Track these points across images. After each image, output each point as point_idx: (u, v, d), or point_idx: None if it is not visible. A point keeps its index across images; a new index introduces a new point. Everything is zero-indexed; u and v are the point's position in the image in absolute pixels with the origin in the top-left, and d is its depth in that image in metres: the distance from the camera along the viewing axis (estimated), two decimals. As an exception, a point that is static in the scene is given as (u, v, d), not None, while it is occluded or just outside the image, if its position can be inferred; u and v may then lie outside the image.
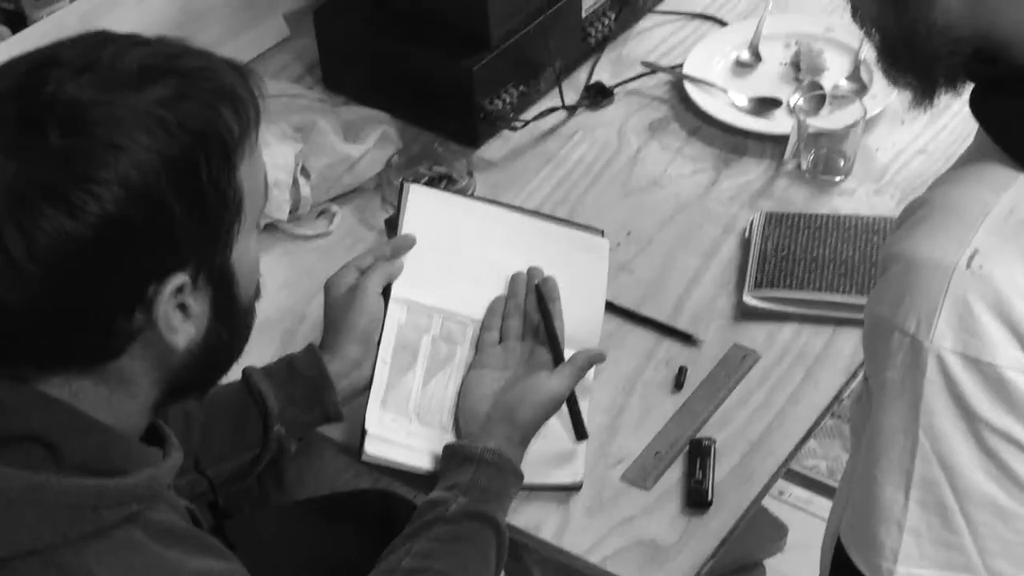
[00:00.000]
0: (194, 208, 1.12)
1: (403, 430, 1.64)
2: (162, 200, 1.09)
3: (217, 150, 1.13)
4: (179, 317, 1.16)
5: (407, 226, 1.77)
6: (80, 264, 1.08)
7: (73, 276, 1.08)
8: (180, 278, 1.13)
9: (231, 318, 1.22)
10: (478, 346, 1.71)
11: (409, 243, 1.75)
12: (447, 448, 1.57)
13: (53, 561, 1.08)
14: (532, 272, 1.76)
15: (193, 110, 1.12)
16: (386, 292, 1.71)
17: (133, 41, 1.15)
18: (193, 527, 1.21)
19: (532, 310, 1.72)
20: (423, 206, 1.80)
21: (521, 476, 1.56)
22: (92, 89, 1.09)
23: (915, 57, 1.23)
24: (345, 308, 1.67)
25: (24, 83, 1.11)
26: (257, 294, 1.29)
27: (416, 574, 1.45)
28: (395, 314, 1.70)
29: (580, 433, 1.62)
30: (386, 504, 1.86)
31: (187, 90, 1.12)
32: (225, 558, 1.21)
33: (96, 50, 1.13)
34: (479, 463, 1.53)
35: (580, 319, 1.76)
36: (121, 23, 1.91)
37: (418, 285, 1.73)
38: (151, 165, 1.09)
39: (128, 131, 1.08)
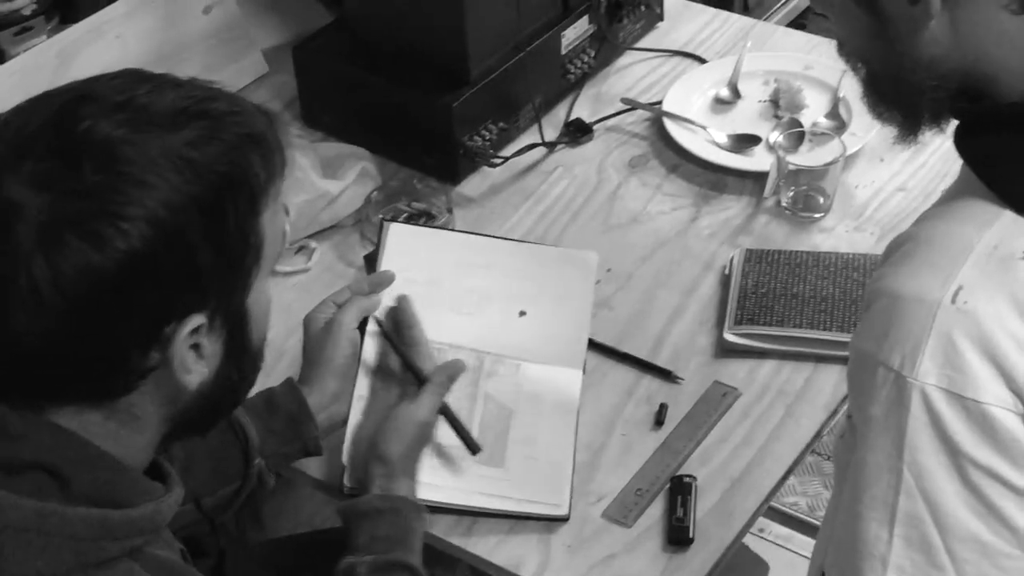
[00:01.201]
0: (218, 250, 1.13)
1: None
2: (188, 240, 1.10)
3: (244, 195, 1.14)
4: (192, 357, 1.16)
5: (386, 263, 1.77)
6: (103, 299, 1.08)
7: (95, 310, 1.09)
8: (198, 319, 1.14)
9: (241, 360, 1.23)
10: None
11: (388, 279, 1.74)
12: (340, 511, 1.56)
13: None
14: (399, 302, 1.73)
15: (223, 153, 1.13)
16: (363, 327, 1.70)
17: (167, 82, 1.16)
18: (189, 566, 1.21)
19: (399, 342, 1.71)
20: (403, 243, 1.80)
21: (415, 504, 1.54)
22: (125, 128, 1.10)
23: (900, 91, 1.23)
24: (322, 343, 1.67)
25: (59, 118, 1.11)
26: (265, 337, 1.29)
27: None
28: (371, 349, 1.70)
29: (470, 447, 1.61)
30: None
31: (217, 133, 1.14)
32: None
33: (131, 89, 1.14)
34: (371, 515, 1.52)
35: (564, 332, 1.76)
36: (99, 59, 1.91)
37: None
38: (179, 204, 1.09)
39: (158, 170, 1.09)
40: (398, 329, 1.69)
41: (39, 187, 1.07)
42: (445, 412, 1.62)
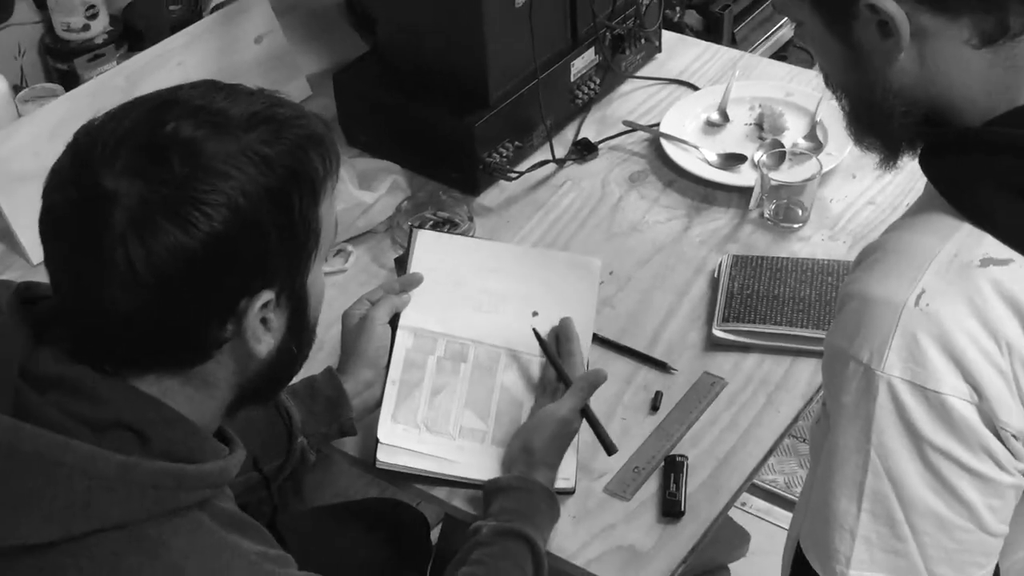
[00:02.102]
0: (285, 235, 1.15)
1: (413, 439, 1.63)
2: (261, 224, 1.12)
3: (307, 187, 1.16)
4: (262, 329, 1.17)
5: (415, 266, 1.78)
6: (189, 275, 1.09)
7: (182, 286, 1.10)
8: (267, 295, 1.15)
9: (301, 334, 1.24)
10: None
11: (416, 280, 1.75)
12: (483, 486, 1.57)
13: (137, 534, 1.09)
14: (562, 322, 1.74)
15: (289, 151, 1.15)
16: (395, 322, 1.70)
17: (240, 90, 1.18)
18: (248, 516, 1.21)
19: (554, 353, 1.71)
20: (429, 248, 1.80)
21: (548, 491, 1.54)
22: (205, 128, 1.12)
23: (873, 116, 1.23)
24: (357, 336, 1.67)
25: (148, 119, 1.13)
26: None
27: None
28: (402, 341, 1.70)
29: (607, 448, 1.61)
30: (394, 511, 1.86)
31: (284, 134, 1.15)
32: (275, 547, 1.22)
33: (209, 96, 1.15)
34: (506, 490, 1.53)
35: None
36: (162, 82, 1.91)
37: (424, 315, 1.73)
38: (254, 193, 1.11)
39: (237, 164, 1.11)
40: (558, 340, 1.70)
41: (132, 178, 1.08)
42: (586, 413, 1.61)
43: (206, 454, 1.16)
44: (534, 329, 1.72)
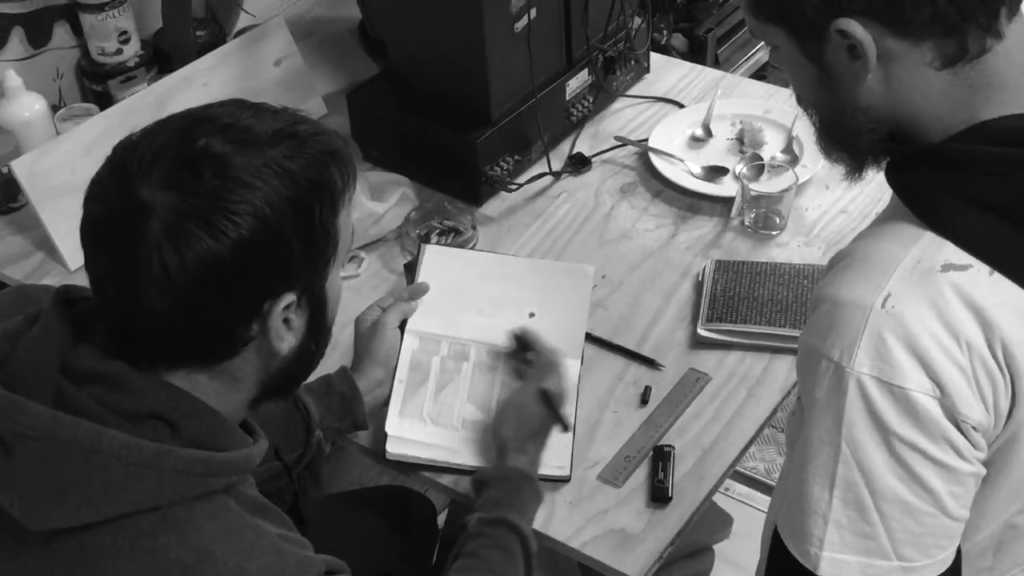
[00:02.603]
0: (307, 242, 1.15)
1: (420, 431, 1.64)
2: (284, 232, 1.13)
3: (326, 198, 1.17)
4: (284, 329, 1.18)
5: (423, 275, 1.79)
6: (218, 279, 1.10)
7: (211, 289, 1.11)
8: (289, 297, 1.16)
9: (319, 333, 1.25)
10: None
11: (423, 290, 1.76)
12: (470, 482, 1.57)
13: (168, 516, 1.10)
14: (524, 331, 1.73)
15: (310, 165, 1.15)
16: (403, 327, 1.71)
17: (265, 109, 1.18)
18: (269, 502, 1.22)
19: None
20: (436, 260, 1.82)
21: (525, 474, 1.54)
22: (233, 144, 1.12)
23: (842, 133, 1.23)
24: (370, 339, 1.68)
25: (182, 135, 1.13)
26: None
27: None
28: (409, 343, 1.71)
29: (563, 425, 1.60)
30: (403, 497, 1.86)
31: (306, 149, 1.16)
32: (294, 531, 1.22)
33: (237, 114, 1.16)
34: (487, 482, 1.53)
35: (565, 330, 1.75)
36: (189, 102, 1.92)
37: (429, 319, 1.74)
38: (279, 203, 1.12)
39: (262, 176, 1.11)
40: (525, 345, 1.70)
41: (167, 190, 1.09)
42: (545, 394, 1.60)
43: (232, 443, 1.17)
44: (514, 330, 1.72)
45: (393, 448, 1.63)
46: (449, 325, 1.74)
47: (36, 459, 1.09)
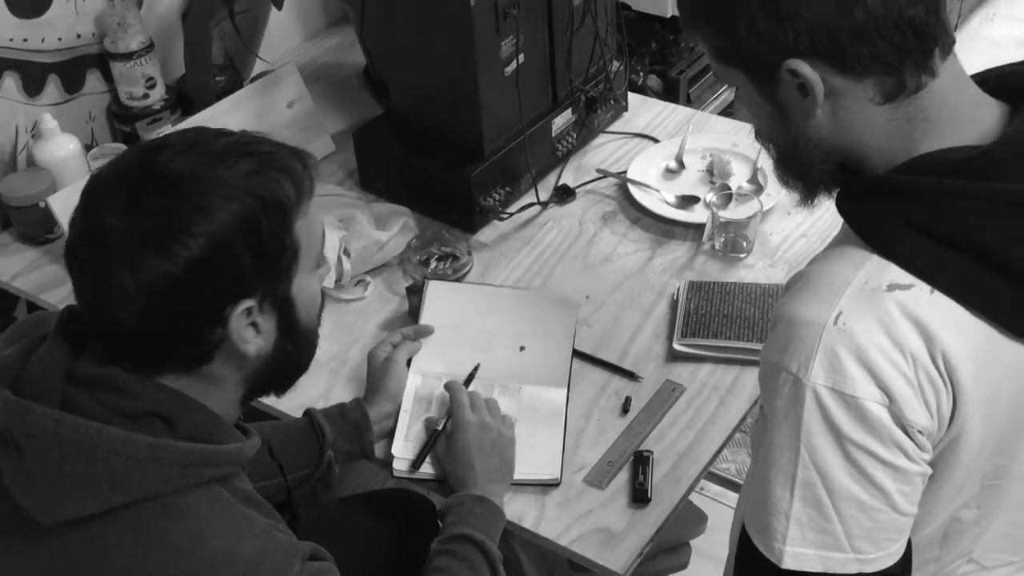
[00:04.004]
0: (256, 253, 1.14)
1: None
2: (233, 247, 1.12)
3: (276, 212, 1.15)
4: (251, 332, 1.18)
5: (426, 312, 1.82)
6: (173, 294, 1.11)
7: (168, 303, 1.11)
8: (247, 303, 1.15)
9: (293, 335, 1.23)
10: None
11: (428, 331, 1.79)
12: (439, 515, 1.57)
13: (168, 504, 1.11)
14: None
15: (261, 182, 1.14)
16: (409, 362, 1.74)
17: (222, 132, 1.18)
18: (261, 498, 1.23)
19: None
20: (438, 294, 1.85)
21: (477, 498, 1.53)
22: (190, 165, 1.12)
23: (797, 164, 1.23)
24: (382, 374, 1.70)
25: (140, 160, 1.14)
26: (318, 321, 1.29)
27: None
28: (413, 380, 1.73)
29: (414, 463, 1.63)
30: (406, 499, 1.86)
31: (259, 167, 1.15)
32: (284, 524, 1.22)
33: (195, 139, 1.16)
34: (446, 510, 1.53)
35: (553, 361, 1.76)
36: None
37: (431, 358, 1.77)
38: (227, 222, 1.11)
39: (212, 197, 1.11)
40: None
41: (122, 214, 1.10)
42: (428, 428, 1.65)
43: (225, 437, 1.18)
44: (475, 370, 1.75)
45: (399, 467, 1.65)
46: (448, 363, 1.76)
47: (44, 457, 1.10)
